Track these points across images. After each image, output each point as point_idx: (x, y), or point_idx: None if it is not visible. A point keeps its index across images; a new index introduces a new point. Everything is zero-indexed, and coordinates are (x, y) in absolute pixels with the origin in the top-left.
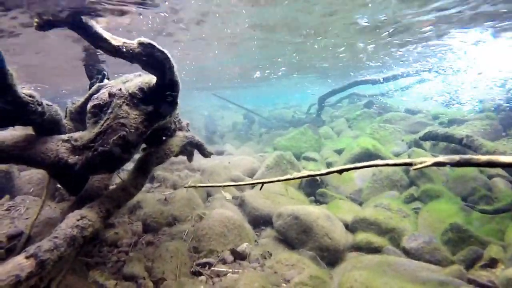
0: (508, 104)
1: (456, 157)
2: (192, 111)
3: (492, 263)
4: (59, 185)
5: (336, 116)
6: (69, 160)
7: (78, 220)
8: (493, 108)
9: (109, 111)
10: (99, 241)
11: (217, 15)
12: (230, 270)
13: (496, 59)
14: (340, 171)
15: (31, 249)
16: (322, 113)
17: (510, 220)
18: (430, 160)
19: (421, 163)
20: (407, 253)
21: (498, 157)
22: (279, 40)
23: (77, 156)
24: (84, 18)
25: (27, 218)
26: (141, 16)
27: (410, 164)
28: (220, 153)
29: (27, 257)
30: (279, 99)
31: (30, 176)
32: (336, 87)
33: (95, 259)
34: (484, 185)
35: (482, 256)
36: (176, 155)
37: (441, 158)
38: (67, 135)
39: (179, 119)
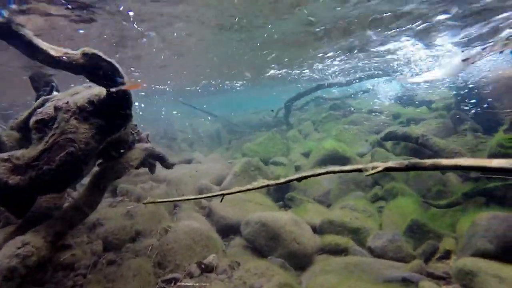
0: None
1: (405, 162)
2: (158, 119)
3: (447, 255)
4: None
5: (303, 119)
6: (10, 181)
7: (18, 248)
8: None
9: (55, 126)
10: (52, 266)
11: None
12: (197, 284)
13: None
14: (298, 179)
15: None
16: (290, 116)
17: (461, 213)
18: (381, 165)
19: (373, 168)
20: (372, 252)
21: (441, 161)
22: None
23: (19, 176)
24: (14, 26)
25: None
26: None
27: (362, 170)
28: (188, 161)
29: None
30: (249, 105)
31: None
32: (301, 91)
33: (47, 286)
34: (440, 181)
35: (438, 248)
36: (137, 168)
37: (391, 163)
38: (7, 153)
39: (138, 130)
